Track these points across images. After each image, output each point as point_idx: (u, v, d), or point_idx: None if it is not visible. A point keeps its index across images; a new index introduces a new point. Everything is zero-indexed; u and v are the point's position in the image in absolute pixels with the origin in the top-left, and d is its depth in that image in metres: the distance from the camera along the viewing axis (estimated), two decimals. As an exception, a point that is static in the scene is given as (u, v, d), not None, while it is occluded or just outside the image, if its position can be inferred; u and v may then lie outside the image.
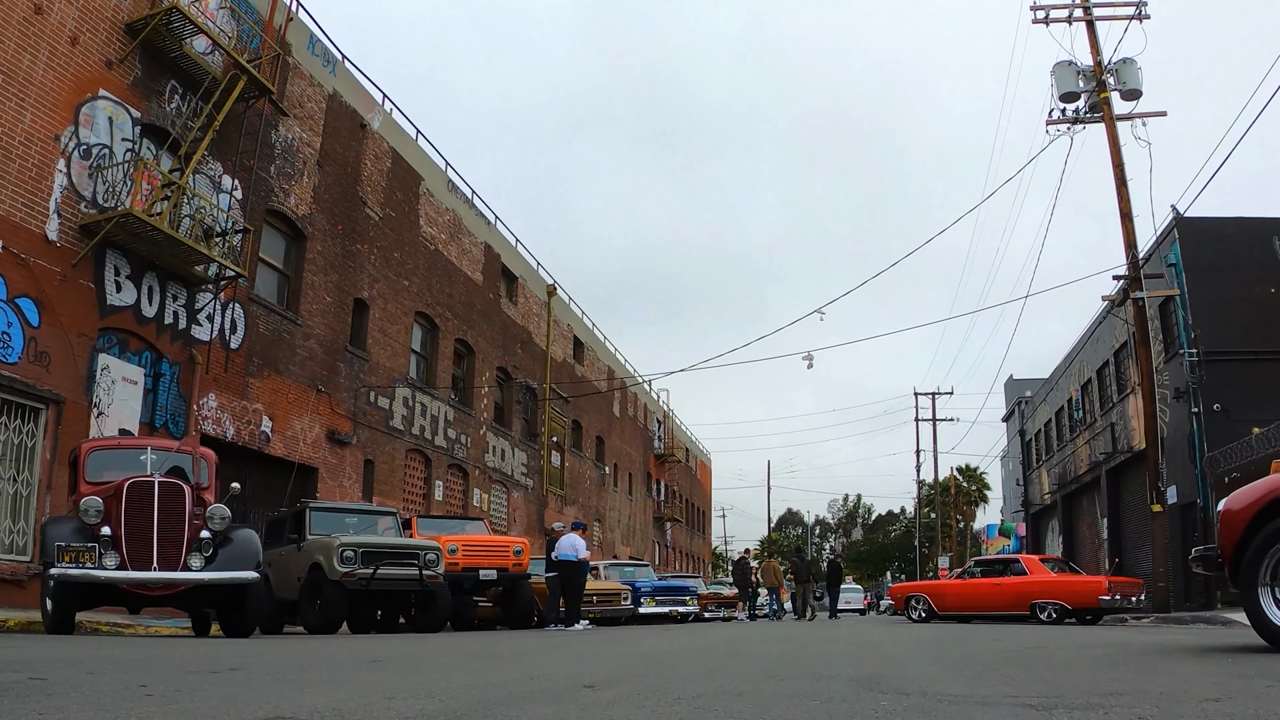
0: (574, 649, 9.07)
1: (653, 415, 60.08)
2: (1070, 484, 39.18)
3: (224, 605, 11.49)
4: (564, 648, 9.55)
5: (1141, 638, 11.46)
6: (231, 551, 10.59)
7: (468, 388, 32.58)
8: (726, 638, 11.90)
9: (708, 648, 9.09)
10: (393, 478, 27.22)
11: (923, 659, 7.32)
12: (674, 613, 25.94)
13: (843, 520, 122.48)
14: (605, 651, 8.62)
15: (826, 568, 35.10)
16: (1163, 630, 15.31)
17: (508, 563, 19.21)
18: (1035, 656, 7.38)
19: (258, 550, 11.08)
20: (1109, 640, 10.49)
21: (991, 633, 13.24)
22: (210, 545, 10.41)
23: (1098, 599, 18.80)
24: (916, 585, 25.57)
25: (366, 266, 26.61)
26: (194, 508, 10.56)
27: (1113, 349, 32.15)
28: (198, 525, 10.45)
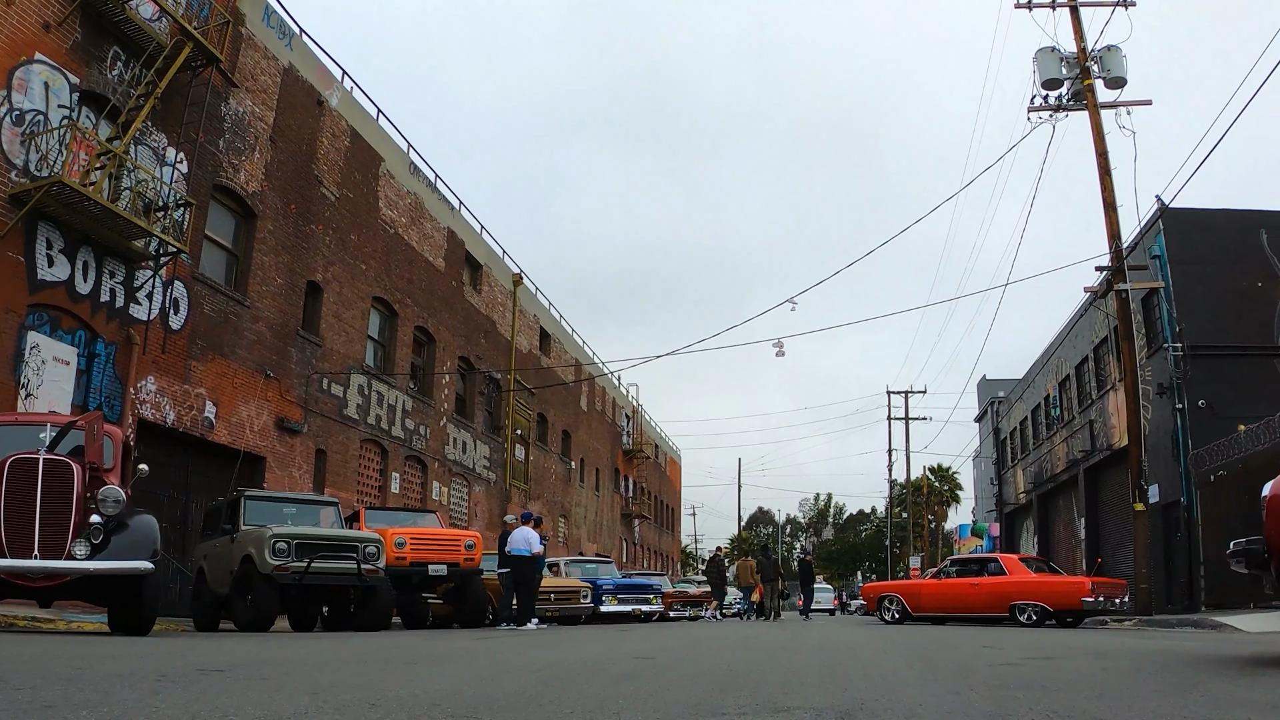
0: (488, 657, 7.90)
1: (621, 410, 59.07)
2: (1046, 483, 38.41)
3: (117, 599, 10.24)
4: (476, 655, 8.31)
5: (1142, 644, 10.59)
6: (125, 539, 9.40)
7: (427, 377, 31.49)
8: (681, 641, 10.85)
9: (652, 655, 7.97)
10: (346, 469, 26.12)
11: (909, 674, 6.26)
12: (637, 612, 24.96)
13: (813, 519, 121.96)
14: (524, 660, 7.41)
15: (797, 566, 34.20)
16: (1155, 635, 14.45)
17: (458, 558, 18.18)
18: (1046, 672, 6.29)
19: (155, 538, 9.85)
20: (1113, 648, 9.59)
21: (976, 637, 12.25)
22: (100, 531, 9.24)
23: (1080, 601, 17.91)
24: (890, 585, 24.72)
25: (321, 248, 25.51)
26: (85, 490, 9.43)
27: (1092, 344, 31.35)
28: (92, 510, 9.32)
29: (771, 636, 12.42)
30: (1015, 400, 44.73)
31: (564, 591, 21.56)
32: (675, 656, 7.57)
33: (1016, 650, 9.03)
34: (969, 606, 20.06)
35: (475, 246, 35.64)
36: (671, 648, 9.36)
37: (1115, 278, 22.73)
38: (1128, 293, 22.63)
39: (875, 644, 10.26)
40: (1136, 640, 11.90)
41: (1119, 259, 23.00)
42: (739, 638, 11.96)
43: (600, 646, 9.73)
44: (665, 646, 9.59)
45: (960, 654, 8.52)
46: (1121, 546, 28.73)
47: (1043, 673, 6.21)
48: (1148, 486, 21.35)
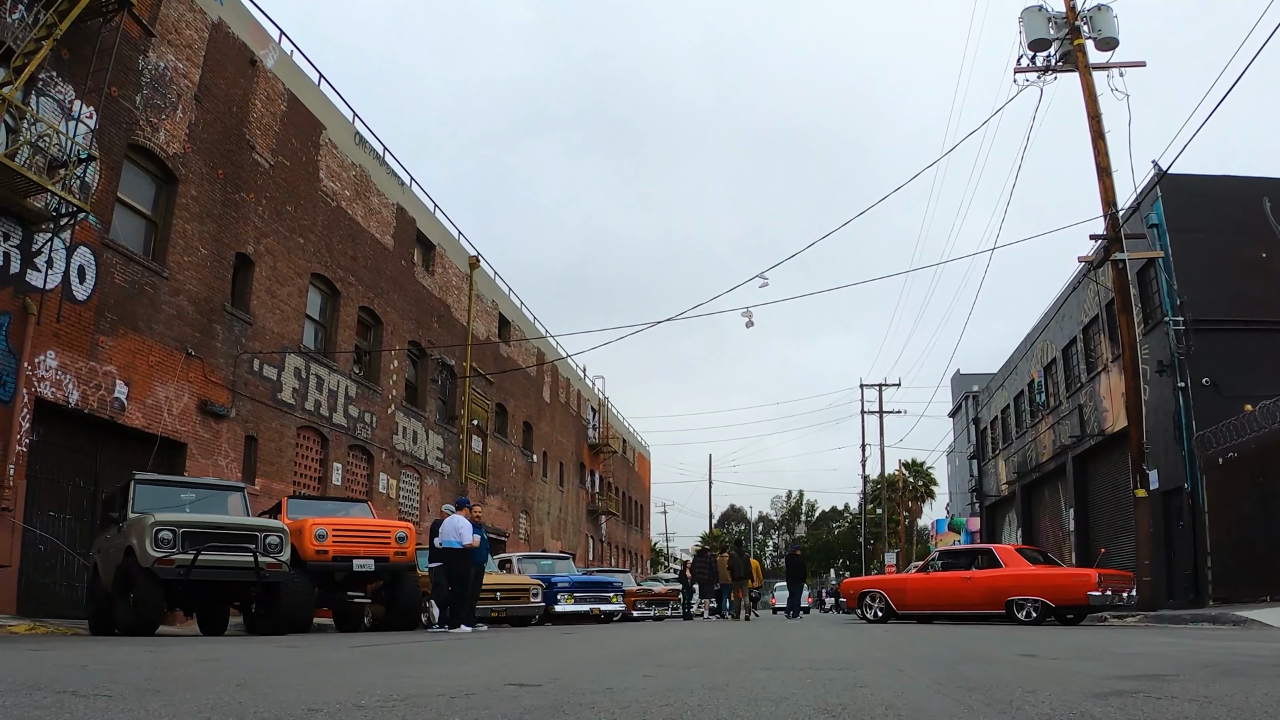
0: (295, 677, 5.97)
1: (587, 403, 57.12)
2: (1031, 473, 36.66)
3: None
4: (288, 673, 6.39)
5: (1213, 646, 8.73)
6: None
7: (374, 362, 29.46)
8: (609, 655, 8.67)
9: (546, 680, 5.90)
10: (280, 458, 24.07)
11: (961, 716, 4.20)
12: (595, 611, 23.07)
13: (785, 517, 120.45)
14: (346, 684, 5.47)
15: (786, 562, 32.37)
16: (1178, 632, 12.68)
17: (387, 551, 16.20)
18: (1198, 709, 4.25)
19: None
20: (1209, 655, 7.66)
21: (995, 640, 10.24)
22: None
23: (1086, 595, 16.07)
24: (873, 580, 22.78)
25: (252, 218, 23.47)
26: None
27: (1081, 325, 29.59)
28: None
29: (739, 643, 10.48)
30: (996, 388, 42.94)
31: (512, 590, 19.64)
32: (576, 687, 5.24)
33: (1078, 660, 7.11)
34: (960, 603, 18.26)
35: (428, 225, 33.62)
36: (589, 665, 7.11)
37: (1112, 246, 21.02)
38: (1125, 263, 20.88)
39: (873, 652, 8.25)
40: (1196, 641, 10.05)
41: (1115, 226, 21.28)
42: (695, 646, 9.99)
43: (491, 663, 7.50)
44: (580, 663, 7.38)
45: (1007, 669, 6.46)
46: (1115, 538, 27.04)
47: (1197, 710, 4.14)
48: (1149, 471, 19.56)
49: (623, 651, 8.70)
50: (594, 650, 9.05)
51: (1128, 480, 26.87)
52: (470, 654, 8.48)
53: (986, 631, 13.25)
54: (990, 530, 43.99)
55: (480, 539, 17.20)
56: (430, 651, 9.18)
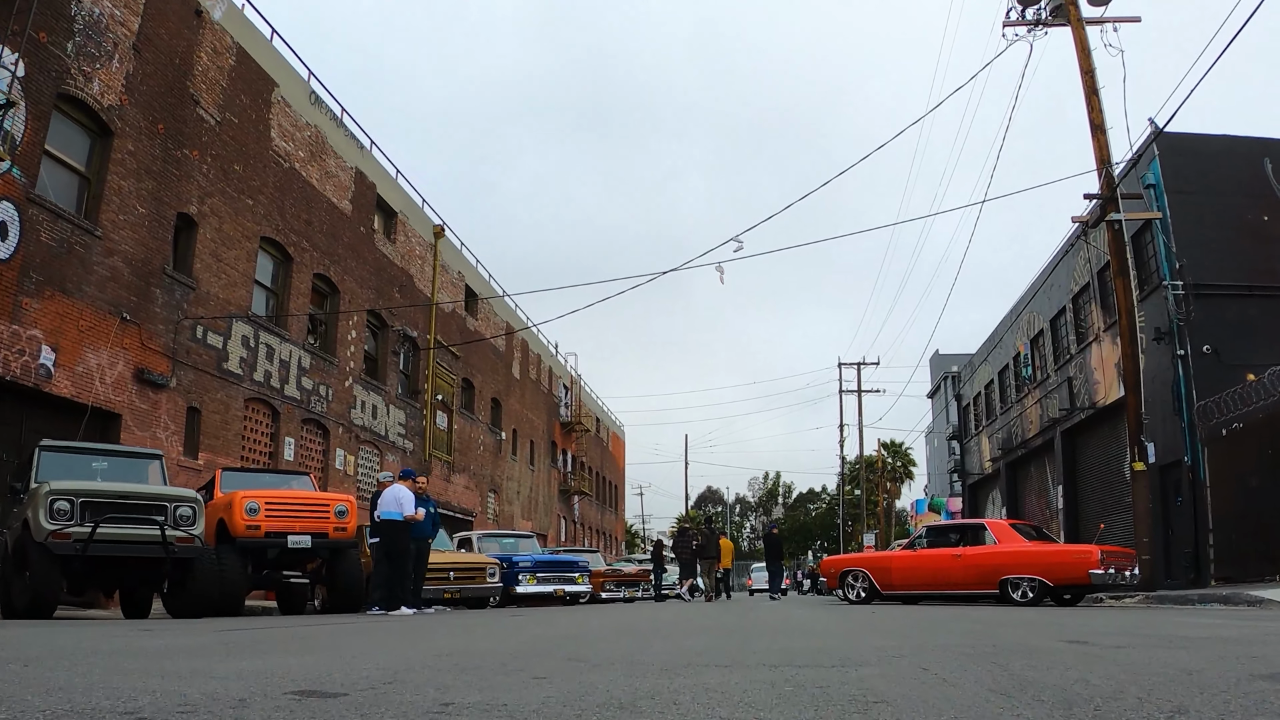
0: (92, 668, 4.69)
1: (559, 380, 55.79)
2: (1017, 449, 35.50)
3: None
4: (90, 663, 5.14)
5: (1265, 629, 7.51)
6: None
7: (330, 332, 28.06)
8: (542, 639, 7.13)
9: (395, 678, 4.31)
10: (226, 431, 22.69)
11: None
12: (559, 593, 21.83)
13: (763, 498, 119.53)
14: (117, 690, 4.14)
15: (764, 542, 31.22)
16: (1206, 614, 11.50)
17: (326, 526, 14.86)
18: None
19: None
20: (1245, 634, 6.46)
21: (1015, 626, 8.74)
22: None
23: (1088, 574, 14.83)
24: (855, 558, 21.37)
25: (196, 177, 22.03)
26: None
27: (1071, 294, 28.41)
28: None
29: (701, 628, 9.14)
30: (979, 363, 41.71)
31: (466, 569, 18.34)
32: (389, 700, 3.60)
33: (1156, 648, 5.75)
34: (950, 582, 17.03)
35: (390, 192, 32.18)
36: (469, 661, 5.37)
37: (1108, 206, 19.85)
38: (1121, 224, 19.72)
39: (875, 641, 6.77)
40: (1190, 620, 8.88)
41: (1110, 185, 20.10)
42: (641, 633, 8.66)
43: (322, 660, 5.68)
44: (458, 659, 5.58)
45: (1076, 664, 4.86)
46: (1106, 514, 25.95)
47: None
48: (1147, 443, 18.41)
49: (542, 640, 7.28)
50: (504, 639, 7.66)
51: (1120, 455, 25.81)
52: (329, 645, 6.97)
53: (992, 614, 11.88)
54: (973, 510, 42.85)
55: (430, 512, 15.94)
56: (293, 640, 7.74)
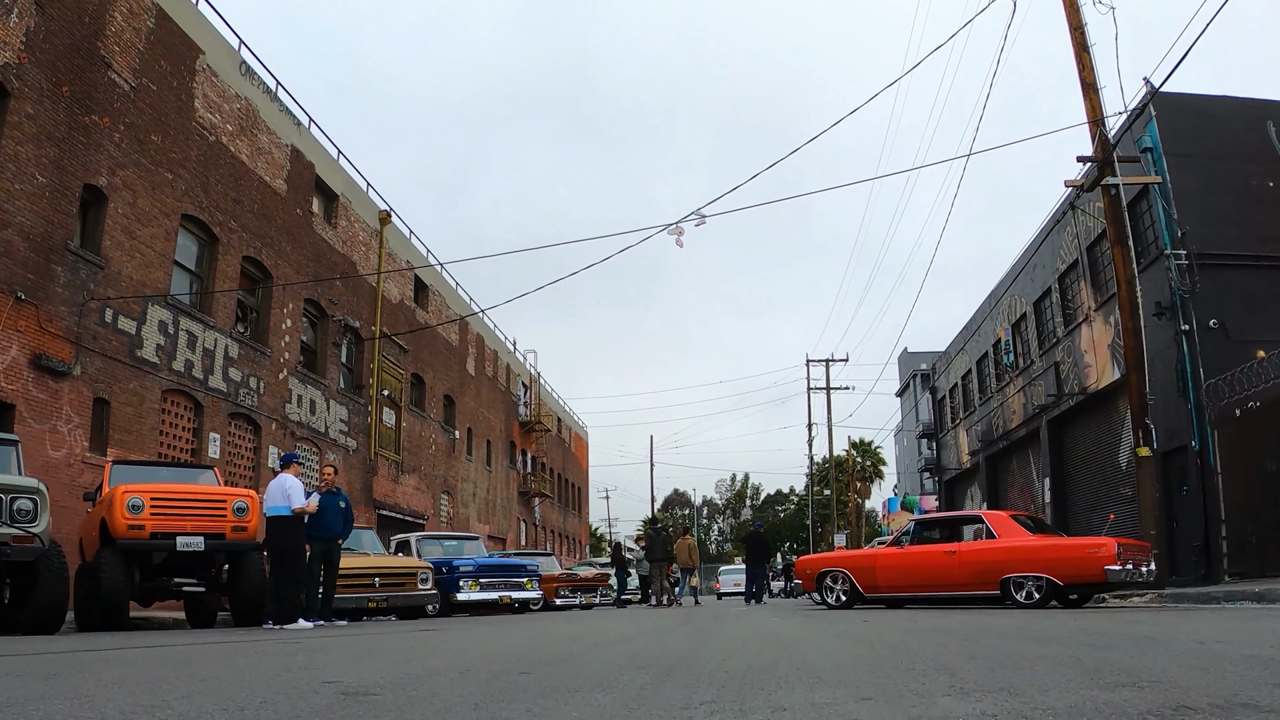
0: None
1: (517, 378, 53.78)
2: (998, 441, 33.80)
3: None
4: None
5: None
6: None
7: (262, 320, 26.01)
8: (436, 668, 5.62)
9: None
10: (140, 425, 20.61)
11: None
12: (505, 600, 19.88)
13: (731, 500, 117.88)
14: None
15: (745, 542, 28.97)
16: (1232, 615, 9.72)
17: (223, 526, 12.90)
18: None
19: None
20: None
21: (1069, 641, 6.57)
22: None
23: (1103, 570, 13.01)
24: (835, 556, 19.37)
25: (107, 146, 19.99)
26: None
27: (1057, 273, 26.72)
28: None
29: (640, 655, 7.15)
30: (955, 353, 39.94)
31: (393, 574, 16.37)
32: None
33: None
34: (943, 582, 15.12)
35: (330, 173, 30.14)
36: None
37: (1103, 169, 18.18)
38: (1119, 188, 18.05)
39: (904, 675, 4.98)
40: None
41: (1105, 148, 18.43)
42: (551, 659, 6.74)
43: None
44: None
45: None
46: (1098, 508, 24.28)
47: None
48: (1152, 426, 16.70)
49: (445, 669, 5.41)
50: (376, 668, 5.75)
51: (1113, 443, 24.14)
52: (115, 680, 5.12)
53: (1012, 620, 9.77)
54: (950, 507, 41.11)
55: (340, 507, 13.99)
56: (80, 672, 5.82)
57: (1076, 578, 13.68)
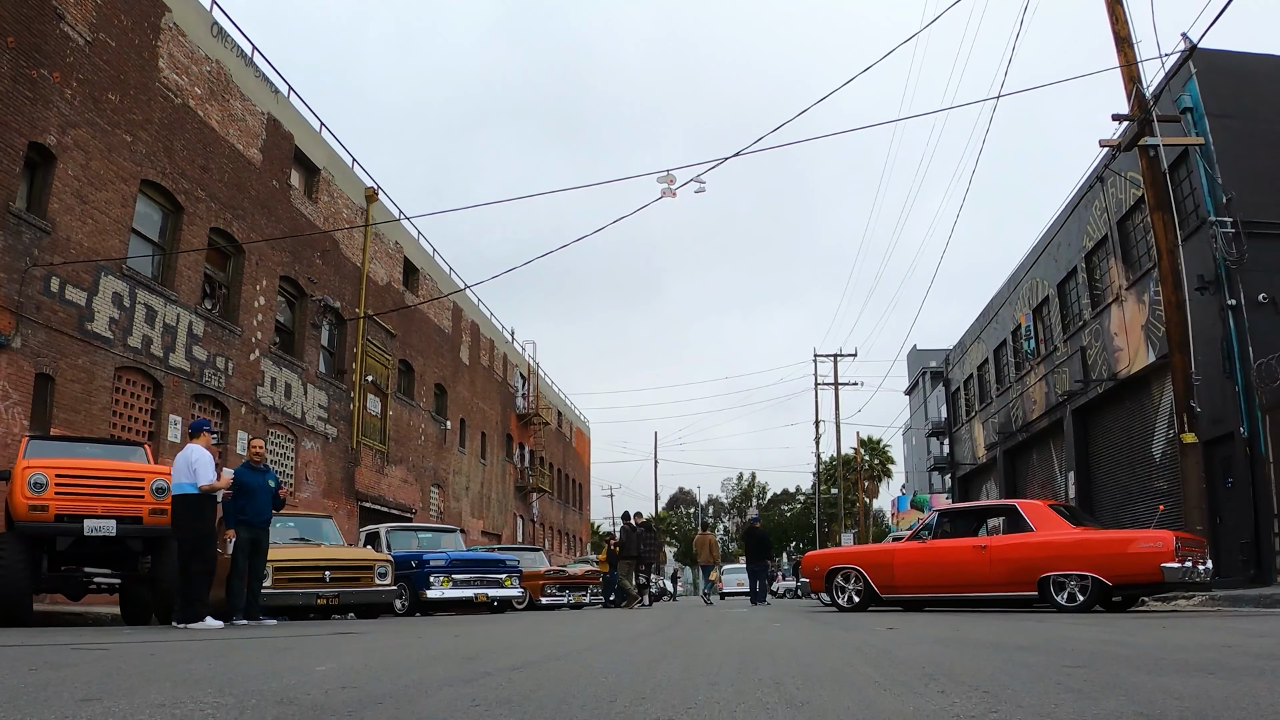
0: None
1: (515, 369, 52.10)
2: (1017, 434, 31.96)
3: None
4: None
5: None
6: None
7: (233, 296, 24.39)
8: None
9: None
10: (89, 404, 18.99)
11: None
12: (481, 598, 18.18)
13: (737, 499, 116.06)
14: None
15: (744, 538, 26.88)
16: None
17: (139, 509, 11.28)
18: None
19: None
20: None
21: (1186, 666, 5.03)
22: None
23: (1159, 568, 11.25)
24: (847, 552, 16.76)
25: (57, 103, 18.40)
26: None
27: (1083, 252, 24.91)
28: None
29: (563, 673, 5.47)
30: (970, 342, 38.02)
31: (346, 568, 14.62)
32: None
33: None
34: (972, 582, 13.32)
35: (311, 146, 28.49)
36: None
37: (1141, 129, 16.48)
38: (1158, 149, 16.36)
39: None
40: None
41: (1142, 105, 16.73)
42: (410, 680, 5.10)
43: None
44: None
45: None
46: (1129, 504, 22.52)
47: None
48: (1197, 410, 14.99)
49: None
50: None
51: (1146, 432, 22.37)
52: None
53: (1081, 629, 8.07)
54: (966, 504, 39.19)
55: (269, 487, 12.34)
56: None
57: (1127, 577, 11.87)
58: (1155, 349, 20.41)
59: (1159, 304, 20.17)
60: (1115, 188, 22.13)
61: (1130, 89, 17.00)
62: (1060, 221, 26.27)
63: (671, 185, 17.21)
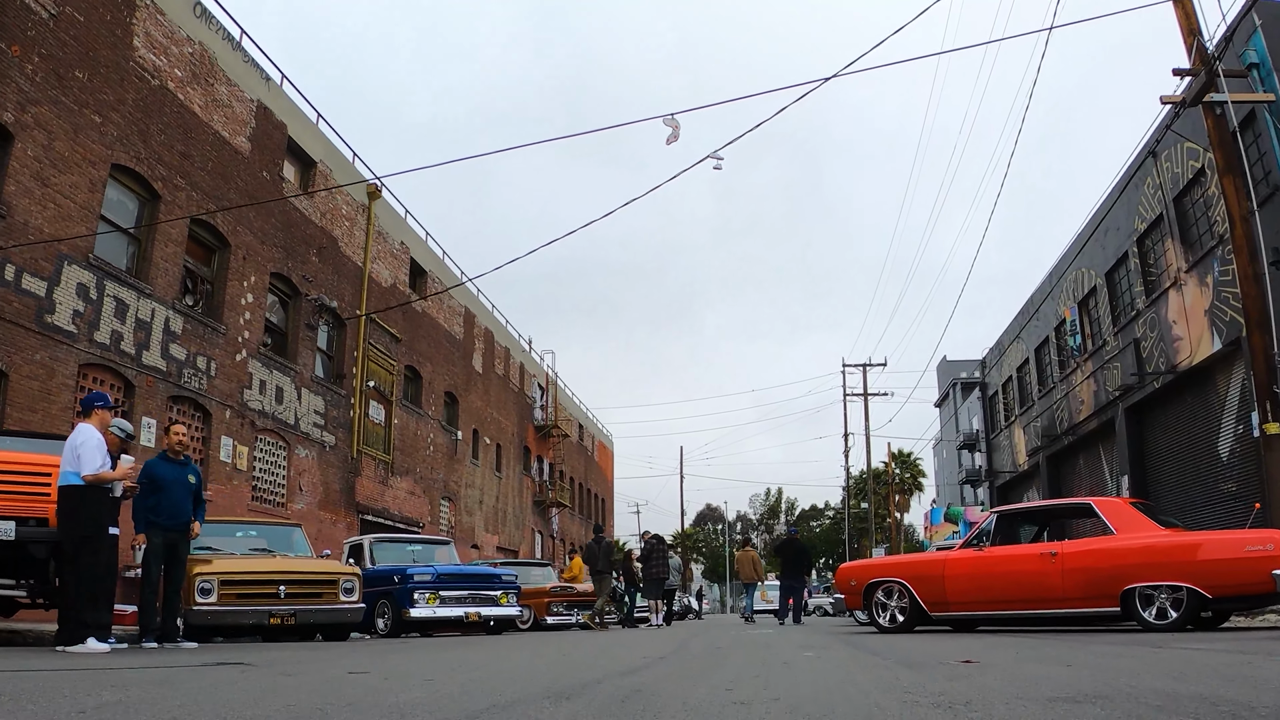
0: None
1: (533, 379, 50.39)
2: (1062, 437, 29.81)
3: None
4: None
5: None
6: None
7: (217, 292, 22.80)
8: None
9: None
10: (48, 403, 17.38)
11: None
12: (473, 617, 16.36)
13: (764, 515, 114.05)
14: None
15: (779, 550, 24.58)
16: None
17: (42, 508, 9.55)
18: None
19: None
20: None
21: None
22: None
23: (1271, 576, 9.26)
24: (890, 563, 14.37)
25: (15, 78, 16.90)
26: None
27: (1134, 235, 22.92)
28: None
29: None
30: (1009, 343, 35.86)
31: (304, 581, 12.81)
32: None
33: None
34: (1038, 596, 11.28)
35: (307, 138, 26.93)
36: None
37: (1206, 85, 14.64)
38: (1226, 108, 14.52)
39: None
40: None
41: (1205, 59, 14.89)
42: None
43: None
44: None
45: None
46: (1192, 508, 20.42)
47: None
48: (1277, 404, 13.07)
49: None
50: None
51: (1210, 428, 20.25)
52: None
53: (1226, 658, 6.21)
54: (1003, 515, 36.91)
55: (191, 482, 10.62)
56: None
57: (1231, 588, 9.88)
58: (1221, 335, 18.46)
59: (1225, 284, 18.24)
60: (1170, 161, 20.24)
61: (1190, 42, 15.19)
62: (1108, 205, 24.20)
63: (676, 130, 15.52)
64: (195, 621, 11.73)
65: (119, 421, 10.58)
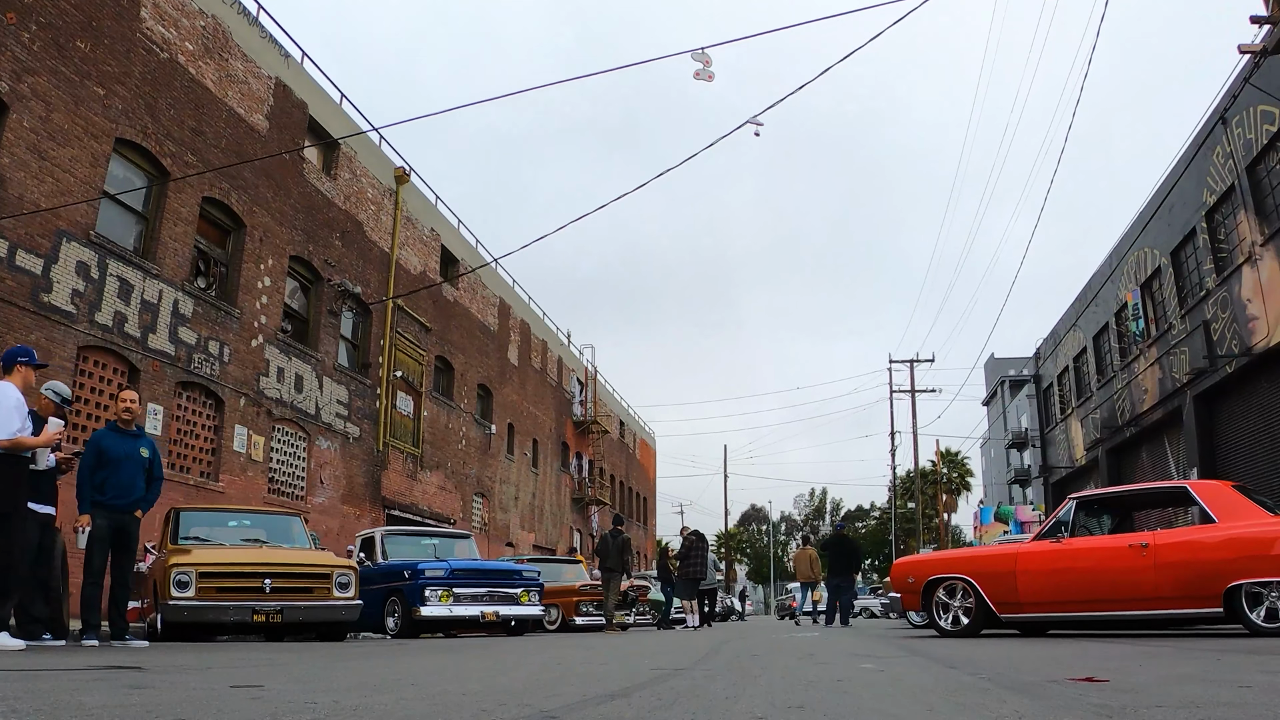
0: None
1: (572, 374, 49.25)
2: (1124, 429, 28.03)
3: None
4: None
5: None
6: None
7: (231, 275, 21.82)
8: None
9: None
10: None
11: None
12: (490, 616, 15.16)
13: (809, 516, 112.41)
14: None
15: (827, 546, 22.98)
16: None
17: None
18: None
19: None
20: None
21: None
22: None
23: None
24: (954, 557, 12.57)
25: (11, 46, 16.02)
26: None
27: (1202, 209, 21.31)
28: None
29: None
30: (1065, 331, 34.07)
31: (293, 575, 11.61)
32: None
33: None
34: (1128, 595, 9.77)
35: (329, 117, 25.91)
36: None
37: (1292, 28, 13.20)
38: (1317, 51, 13.06)
39: None
40: None
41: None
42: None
43: None
44: None
45: None
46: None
47: None
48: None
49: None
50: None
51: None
52: None
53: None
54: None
55: (144, 456, 9.51)
56: None
57: None
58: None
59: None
60: (1242, 126, 18.72)
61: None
62: (1173, 179, 22.50)
63: (707, 65, 14.36)
64: (171, 618, 10.65)
65: (54, 384, 9.51)
